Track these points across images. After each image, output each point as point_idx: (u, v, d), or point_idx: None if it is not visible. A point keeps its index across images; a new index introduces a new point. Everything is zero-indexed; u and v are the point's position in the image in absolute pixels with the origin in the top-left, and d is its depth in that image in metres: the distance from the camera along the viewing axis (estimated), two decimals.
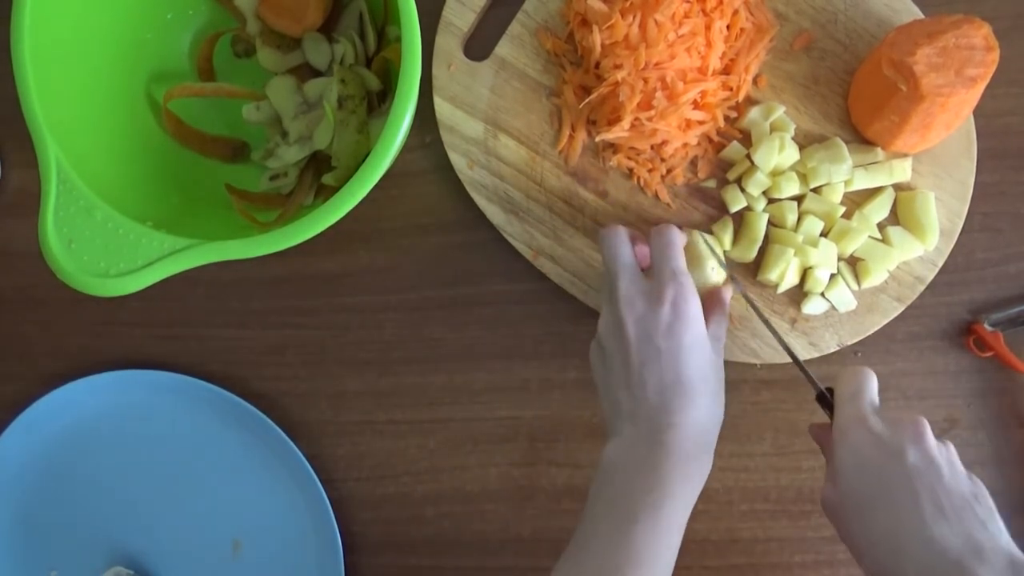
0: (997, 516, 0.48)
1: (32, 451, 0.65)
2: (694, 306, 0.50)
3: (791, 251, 0.57)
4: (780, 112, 0.59)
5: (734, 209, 0.59)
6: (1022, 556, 0.46)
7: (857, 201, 0.59)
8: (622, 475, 0.48)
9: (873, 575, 0.49)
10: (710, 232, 0.59)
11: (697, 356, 0.50)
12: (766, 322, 0.55)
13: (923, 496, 0.46)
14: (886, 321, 0.59)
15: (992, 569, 0.44)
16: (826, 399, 0.53)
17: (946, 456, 0.49)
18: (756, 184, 0.58)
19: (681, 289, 0.50)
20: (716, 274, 0.55)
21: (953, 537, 0.45)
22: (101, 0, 0.57)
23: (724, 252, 0.58)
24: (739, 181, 0.59)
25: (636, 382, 0.49)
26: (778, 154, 0.57)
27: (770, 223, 0.59)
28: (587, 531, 0.48)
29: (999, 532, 0.47)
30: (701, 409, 0.49)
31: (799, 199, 0.59)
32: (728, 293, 0.55)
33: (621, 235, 0.53)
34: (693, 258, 0.54)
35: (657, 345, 0.49)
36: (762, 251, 0.59)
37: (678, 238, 0.52)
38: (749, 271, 0.59)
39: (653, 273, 0.52)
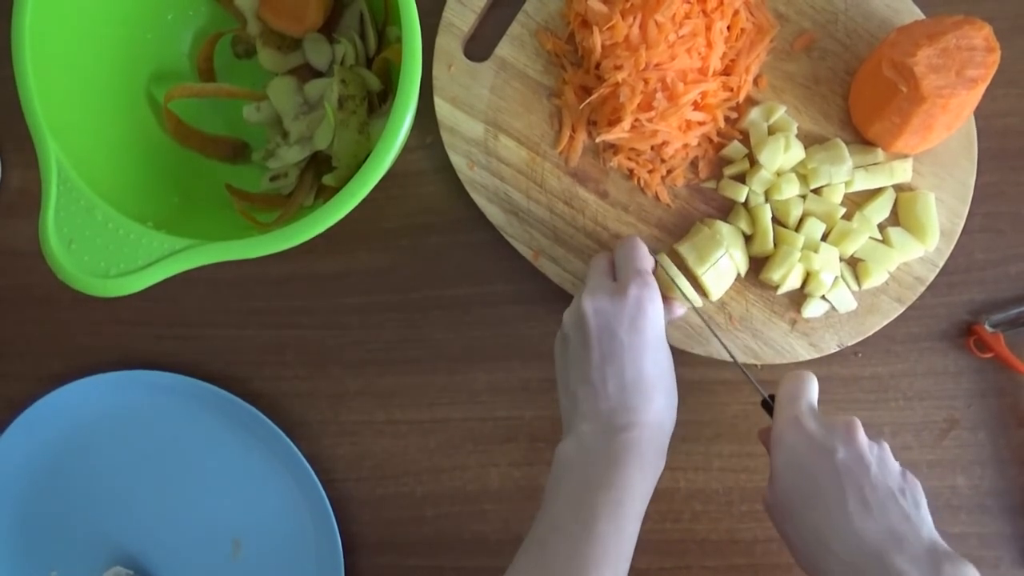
0: (924, 509, 0.49)
1: (32, 451, 0.65)
2: (657, 304, 0.51)
3: (797, 254, 0.57)
4: (781, 112, 0.59)
5: (740, 199, 0.59)
6: (944, 545, 0.47)
7: (858, 202, 0.59)
8: (580, 472, 0.48)
9: (807, 572, 0.50)
10: (725, 222, 0.59)
11: (659, 354, 0.50)
12: (712, 330, 0.56)
13: (849, 492, 0.48)
14: (886, 322, 0.59)
15: (909, 558, 0.46)
16: (769, 405, 0.54)
17: (877, 454, 0.50)
18: (760, 181, 0.58)
19: (645, 287, 0.50)
20: (680, 300, 0.56)
21: (874, 530, 0.47)
22: (102, 0, 0.57)
23: (743, 243, 0.59)
24: (739, 179, 0.59)
25: (597, 377, 0.49)
26: (783, 153, 0.57)
27: (775, 222, 0.59)
28: (547, 528, 0.48)
29: (922, 523, 0.48)
30: (660, 409, 0.50)
31: (801, 197, 0.59)
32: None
33: (601, 254, 0.55)
34: (659, 280, 0.55)
35: (621, 339, 0.49)
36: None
37: (642, 245, 0.53)
38: (751, 269, 0.59)
39: (618, 275, 0.53)
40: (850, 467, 0.48)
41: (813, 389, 0.53)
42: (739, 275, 0.59)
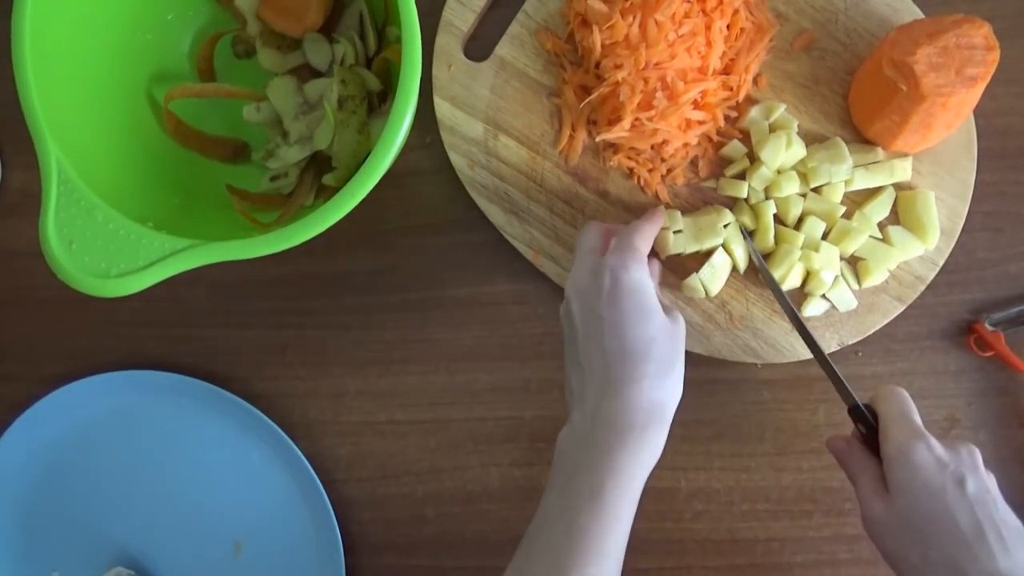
0: None
1: (33, 452, 0.65)
2: (636, 273, 0.49)
3: (797, 253, 0.57)
4: (781, 111, 0.59)
5: (742, 195, 0.59)
6: None
7: (858, 201, 0.59)
8: (570, 459, 0.48)
9: None
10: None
11: (642, 322, 0.48)
12: (798, 317, 0.54)
13: (986, 528, 0.47)
14: (887, 321, 0.59)
15: None
16: (861, 412, 0.52)
17: (993, 487, 0.50)
18: (760, 179, 0.58)
19: (622, 259, 0.50)
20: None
21: (1016, 570, 0.46)
22: (102, 1, 0.57)
23: (743, 240, 0.59)
24: (739, 179, 0.59)
25: (583, 357, 0.49)
26: (785, 150, 0.57)
27: (776, 220, 0.59)
28: (537, 523, 0.48)
29: None
30: (650, 378, 0.48)
31: (801, 196, 0.59)
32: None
33: (591, 228, 0.54)
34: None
35: (599, 315, 0.49)
36: None
37: (599, 225, 0.53)
38: (751, 267, 0.59)
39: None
40: (981, 500, 0.48)
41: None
42: (739, 272, 0.59)
